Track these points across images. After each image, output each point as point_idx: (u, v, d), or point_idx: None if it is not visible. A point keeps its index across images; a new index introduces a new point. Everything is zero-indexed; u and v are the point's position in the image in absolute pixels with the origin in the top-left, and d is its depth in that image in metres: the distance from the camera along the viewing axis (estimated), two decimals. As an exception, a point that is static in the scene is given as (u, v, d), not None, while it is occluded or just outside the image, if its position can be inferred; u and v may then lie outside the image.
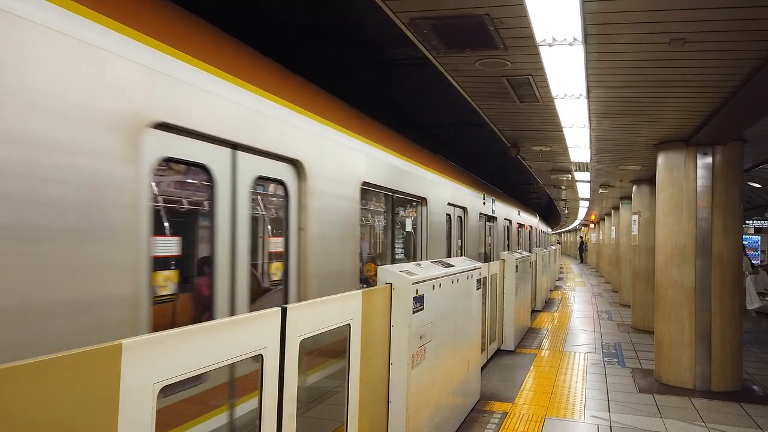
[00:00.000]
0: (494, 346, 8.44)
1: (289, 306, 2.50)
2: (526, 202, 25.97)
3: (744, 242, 12.32)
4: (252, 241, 3.63)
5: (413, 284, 3.86)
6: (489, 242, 12.94)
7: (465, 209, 9.99)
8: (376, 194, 6.30)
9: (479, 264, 6.22)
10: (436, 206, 7.93)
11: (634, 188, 12.33)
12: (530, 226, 21.06)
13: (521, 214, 18.01)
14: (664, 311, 7.40)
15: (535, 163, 11.20)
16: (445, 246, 8.64)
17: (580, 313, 13.79)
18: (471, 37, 4.09)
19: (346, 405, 3.17)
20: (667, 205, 7.42)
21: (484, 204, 11.59)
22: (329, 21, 10.02)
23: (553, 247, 22.05)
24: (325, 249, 4.36)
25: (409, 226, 7.60)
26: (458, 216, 9.70)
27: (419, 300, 3.98)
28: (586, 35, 3.91)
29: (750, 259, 10.85)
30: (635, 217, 11.98)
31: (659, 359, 7.47)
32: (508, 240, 15.56)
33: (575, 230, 53.06)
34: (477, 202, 10.89)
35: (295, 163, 4.03)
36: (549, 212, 37.91)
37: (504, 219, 14.50)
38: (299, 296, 4.04)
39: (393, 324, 3.77)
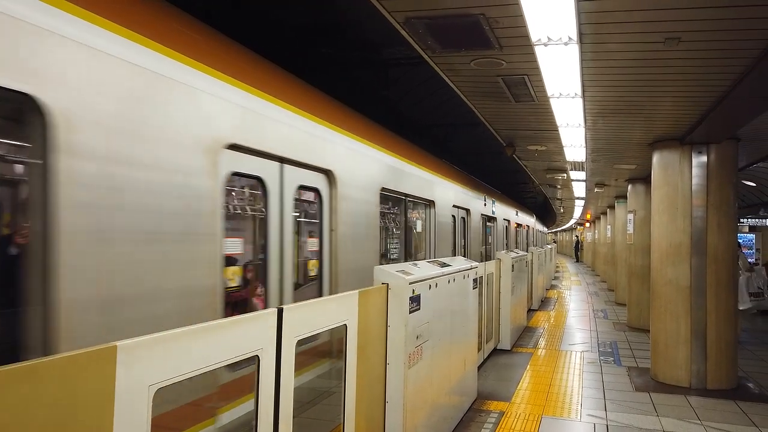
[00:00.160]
0: (491, 346, 8.46)
1: (285, 306, 2.50)
2: (522, 202, 26.10)
3: (740, 240, 12.33)
4: (295, 241, 4.27)
5: (409, 284, 3.86)
6: (489, 241, 13.40)
7: (468, 211, 10.47)
8: (392, 198, 6.84)
9: (475, 263, 6.23)
10: (443, 208, 8.50)
11: (630, 187, 12.36)
12: (527, 226, 21.70)
13: (519, 214, 18.66)
14: (660, 309, 7.42)
15: (531, 163, 11.22)
16: (451, 245, 9.13)
17: (576, 312, 13.82)
18: (466, 37, 4.09)
19: (343, 405, 3.17)
20: (662, 204, 7.44)
21: (485, 205, 12.15)
22: (324, 21, 10.01)
23: (549, 246, 22.10)
24: (352, 247, 4.93)
25: (420, 227, 8.12)
26: (462, 217, 10.18)
27: (416, 300, 3.98)
28: (581, 35, 3.92)
29: (747, 258, 10.76)
30: (630, 216, 12.02)
31: (655, 357, 7.49)
32: (507, 239, 16.09)
33: (571, 229, 53.19)
34: (479, 204, 11.41)
35: (327, 173, 4.64)
36: (545, 211, 38.00)
37: (503, 219, 15.03)
38: (331, 289, 4.59)
39: (389, 324, 3.77)
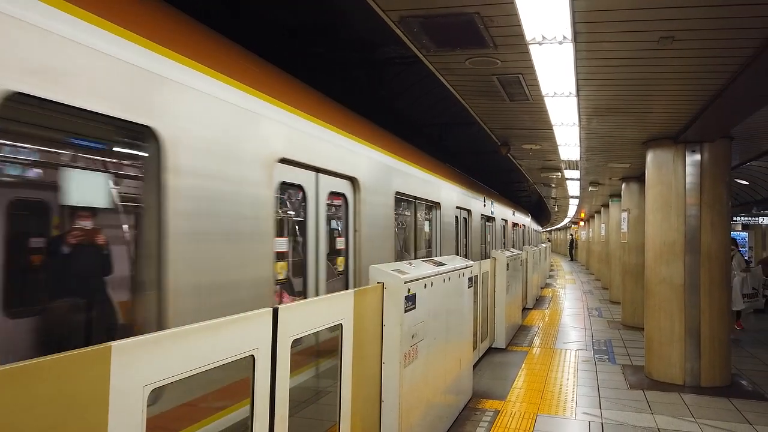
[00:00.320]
0: (486, 344, 8.47)
1: (281, 306, 2.49)
2: (518, 201, 26.22)
3: (737, 239, 12.31)
4: (328, 241, 4.85)
5: (405, 283, 3.86)
6: (488, 240, 13.95)
7: (469, 211, 10.97)
8: (404, 201, 7.37)
9: (470, 262, 6.24)
10: (447, 209, 9.08)
11: (624, 186, 12.40)
12: (523, 225, 22.29)
13: (515, 214, 19.24)
14: (654, 308, 7.45)
15: (525, 162, 11.24)
16: (454, 243, 9.67)
17: (571, 311, 13.86)
18: (461, 36, 4.09)
19: (339, 404, 3.17)
20: (656, 203, 7.46)
21: (485, 206, 12.72)
22: (319, 20, 9.98)
23: (544, 245, 22.16)
24: (372, 246, 5.49)
25: (427, 227, 8.75)
26: (464, 217, 10.70)
27: (411, 299, 3.98)
28: (576, 33, 3.92)
29: (743, 256, 10.68)
30: (625, 215, 12.05)
31: (649, 356, 7.52)
32: (504, 238, 16.67)
33: (565, 228, 53.35)
34: (479, 205, 11.96)
35: (352, 180, 5.17)
36: (539, 210, 38.08)
37: (501, 219, 15.58)
38: (355, 283, 5.07)
39: (385, 323, 3.77)
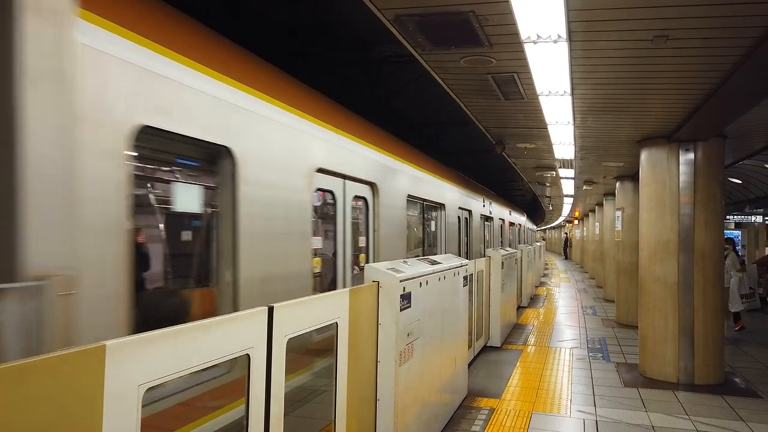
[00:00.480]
0: (481, 343, 8.48)
1: (276, 305, 2.48)
2: (513, 200, 26.35)
3: (733, 238, 12.32)
4: (353, 240, 5.52)
5: (400, 282, 3.85)
6: (487, 239, 14.66)
7: (470, 212, 11.60)
8: (414, 202, 7.97)
9: (465, 261, 6.25)
10: (451, 209, 9.71)
11: (618, 184, 12.44)
12: (519, 224, 22.95)
13: (512, 214, 20.05)
14: (648, 306, 7.48)
15: (520, 160, 11.26)
16: (457, 242, 10.34)
17: (565, 309, 13.90)
18: (456, 35, 4.10)
19: (334, 403, 3.16)
20: (650, 201, 7.49)
21: (484, 206, 13.45)
22: (315, 19, 9.96)
23: (539, 244, 22.22)
24: (389, 245, 6.12)
25: (433, 226, 9.45)
26: (465, 217, 11.31)
27: (406, 297, 3.98)
28: (570, 32, 3.93)
29: (738, 255, 10.62)
30: (619, 213, 12.10)
31: (643, 354, 7.55)
32: (502, 237, 17.45)
33: (560, 227, 53.50)
34: (478, 205, 12.65)
35: (372, 185, 5.83)
36: (534, 209, 38.17)
37: (498, 218, 16.31)
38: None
39: (380, 322, 3.77)
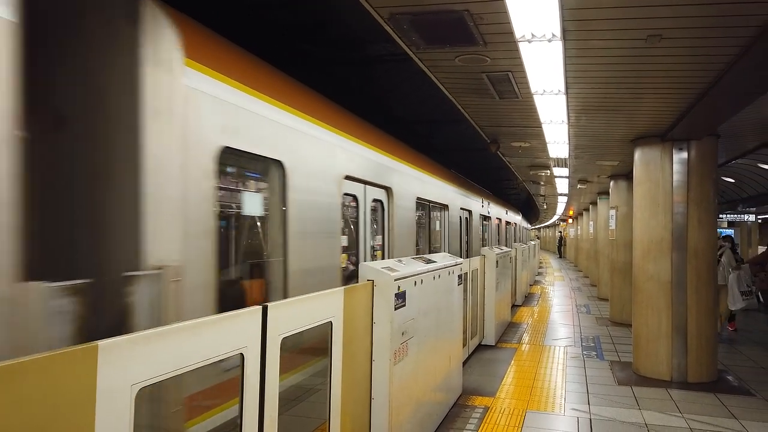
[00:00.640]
0: (475, 341, 8.50)
1: (270, 304, 2.47)
2: (507, 199, 26.48)
3: (731, 236, 12.29)
4: (372, 238, 6.07)
5: (395, 281, 3.85)
6: (485, 238, 15.12)
7: (470, 212, 12.12)
8: (422, 204, 8.48)
9: (460, 260, 6.26)
10: (454, 210, 10.26)
11: (612, 183, 12.48)
12: (515, 223, 23.64)
13: (508, 213, 20.59)
14: (642, 305, 7.51)
15: (515, 159, 11.27)
16: (459, 240, 10.90)
17: (560, 308, 13.95)
18: (450, 33, 4.09)
19: (329, 402, 3.16)
20: (644, 200, 7.52)
21: (482, 206, 13.99)
22: (309, 18, 9.93)
23: (533, 243, 22.29)
24: (401, 243, 6.68)
25: (438, 226, 9.96)
26: (465, 217, 11.80)
27: (401, 296, 3.98)
28: (565, 31, 3.93)
29: (735, 252, 10.56)
30: (613, 212, 12.13)
31: (637, 352, 7.58)
32: (499, 236, 17.95)
33: (554, 225, 53.65)
34: (478, 206, 13.17)
35: (387, 189, 6.38)
36: (528, 208, 38.25)
37: (496, 218, 16.81)
38: None
39: (375, 321, 3.76)
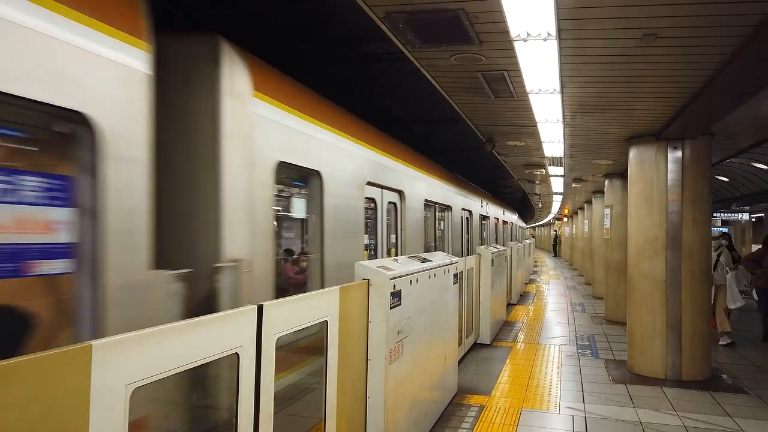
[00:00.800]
0: (471, 340, 8.51)
1: (266, 303, 2.47)
2: (502, 197, 26.61)
3: (729, 234, 12.31)
4: (387, 236, 6.77)
5: (390, 280, 3.85)
6: (484, 236, 15.80)
7: (471, 212, 12.75)
8: (428, 205, 9.11)
9: (456, 258, 6.26)
10: (456, 211, 10.86)
11: (607, 182, 12.51)
12: (511, 222, 24.45)
13: (504, 213, 21.40)
14: (636, 303, 7.53)
15: (510, 158, 11.29)
16: (461, 239, 11.55)
17: (555, 306, 13.98)
18: (446, 32, 4.09)
19: (324, 401, 3.15)
20: (639, 199, 7.54)
21: (481, 207, 14.69)
22: (306, 17, 9.91)
23: (528, 241, 22.33)
24: (411, 241, 7.37)
25: (442, 226, 10.63)
26: (466, 217, 12.39)
27: (396, 295, 3.98)
28: (560, 30, 3.94)
29: (733, 250, 10.54)
30: (608, 211, 12.17)
31: (632, 350, 7.61)
32: (496, 234, 18.56)
33: (549, 224, 53.77)
34: (477, 206, 13.82)
35: (400, 192, 7.11)
36: (523, 207, 38.34)
37: (493, 217, 17.48)
38: None
39: (371, 320, 3.76)
